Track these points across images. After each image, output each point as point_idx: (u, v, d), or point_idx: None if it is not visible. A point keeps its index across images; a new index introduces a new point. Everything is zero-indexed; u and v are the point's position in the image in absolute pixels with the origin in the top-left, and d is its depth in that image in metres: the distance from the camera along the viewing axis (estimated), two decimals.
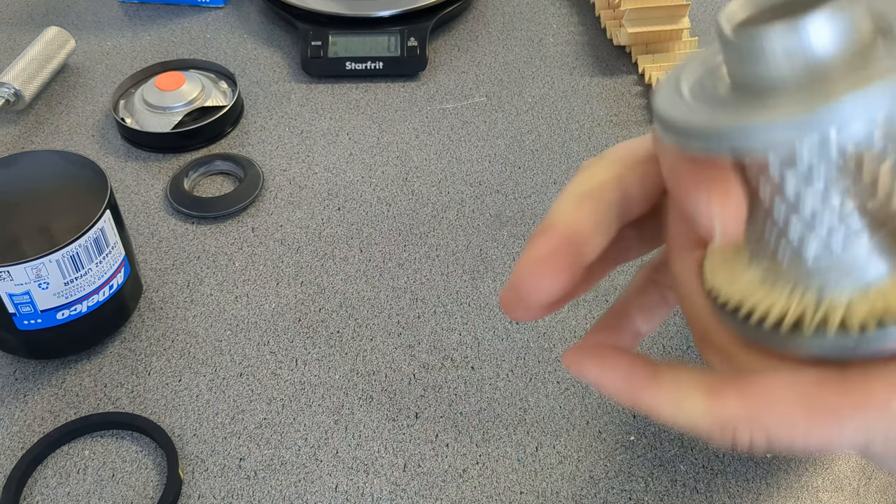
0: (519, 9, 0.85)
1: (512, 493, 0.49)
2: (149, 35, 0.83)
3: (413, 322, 0.57)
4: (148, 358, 0.56)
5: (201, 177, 0.68)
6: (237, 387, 0.54)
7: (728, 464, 0.50)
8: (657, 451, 0.50)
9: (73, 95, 0.76)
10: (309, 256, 0.62)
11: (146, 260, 0.61)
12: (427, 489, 0.49)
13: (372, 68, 0.76)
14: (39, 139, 0.72)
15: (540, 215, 0.64)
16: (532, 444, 0.51)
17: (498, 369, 0.54)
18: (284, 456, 0.50)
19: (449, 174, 0.68)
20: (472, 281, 0.60)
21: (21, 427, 0.52)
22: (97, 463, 0.50)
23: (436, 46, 0.80)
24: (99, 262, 0.51)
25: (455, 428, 0.52)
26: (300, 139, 0.71)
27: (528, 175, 0.67)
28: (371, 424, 0.52)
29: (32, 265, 0.48)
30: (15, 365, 0.55)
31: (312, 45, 0.77)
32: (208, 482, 0.49)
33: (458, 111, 0.74)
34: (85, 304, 0.52)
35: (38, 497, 0.49)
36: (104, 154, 0.70)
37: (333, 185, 0.67)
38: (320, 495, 0.49)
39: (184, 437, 0.51)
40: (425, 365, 0.55)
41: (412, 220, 0.64)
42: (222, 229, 0.64)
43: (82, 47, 0.81)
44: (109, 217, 0.52)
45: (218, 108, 0.71)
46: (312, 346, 0.56)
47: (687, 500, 0.48)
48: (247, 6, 0.86)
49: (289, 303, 0.59)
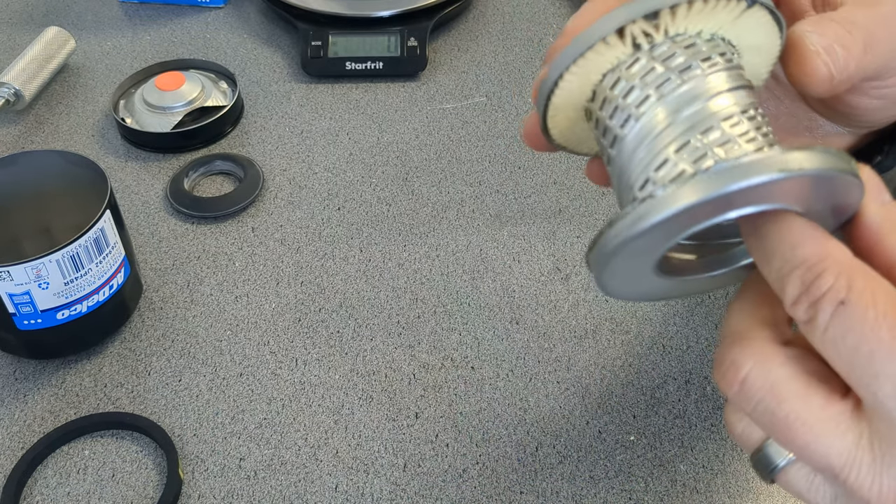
0: (519, 9, 0.85)
1: (512, 493, 0.49)
2: (149, 35, 0.83)
3: (413, 322, 0.57)
4: (148, 358, 0.56)
5: (201, 177, 0.68)
6: (237, 387, 0.54)
7: (728, 464, 0.50)
8: (657, 451, 0.50)
9: (73, 95, 0.76)
10: (309, 256, 0.62)
11: (146, 260, 0.61)
12: (427, 489, 0.49)
13: (372, 68, 0.76)
14: (39, 139, 0.72)
15: (540, 215, 0.64)
16: (532, 444, 0.51)
17: (498, 369, 0.54)
18: (284, 456, 0.50)
19: (449, 174, 0.68)
20: (472, 281, 0.60)
21: (21, 427, 0.52)
22: (97, 463, 0.50)
23: (436, 46, 0.80)
24: (99, 262, 0.51)
25: (455, 428, 0.52)
26: (300, 139, 0.71)
27: (528, 175, 0.67)
28: (371, 424, 0.52)
29: (32, 265, 0.48)
30: (15, 365, 0.55)
31: (312, 45, 0.77)
32: (208, 482, 0.49)
33: (458, 111, 0.74)
34: (85, 304, 0.52)
35: (38, 497, 0.49)
36: (104, 154, 0.70)
37: (333, 185, 0.67)
38: (320, 495, 0.49)
39: (184, 437, 0.51)
40: (425, 365, 0.55)
41: (412, 220, 0.64)
42: (222, 229, 0.64)
43: (82, 47, 0.81)
44: (109, 217, 0.52)
45: (218, 108, 0.71)
46: (312, 346, 0.56)
47: (687, 500, 0.48)
48: (247, 6, 0.86)
49: (289, 303, 0.59)
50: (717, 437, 0.51)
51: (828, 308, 0.26)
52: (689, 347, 0.56)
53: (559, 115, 0.32)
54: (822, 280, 0.27)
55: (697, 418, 0.52)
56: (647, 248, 0.29)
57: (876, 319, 0.26)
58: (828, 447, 0.28)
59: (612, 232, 0.27)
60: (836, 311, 0.26)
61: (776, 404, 0.28)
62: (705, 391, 0.53)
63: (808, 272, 0.27)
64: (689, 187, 0.26)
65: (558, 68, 0.30)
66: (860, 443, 0.27)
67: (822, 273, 0.27)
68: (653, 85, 0.29)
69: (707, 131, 0.29)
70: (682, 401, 0.53)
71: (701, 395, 0.53)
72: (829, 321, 0.26)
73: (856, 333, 0.26)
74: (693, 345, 0.56)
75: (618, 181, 0.31)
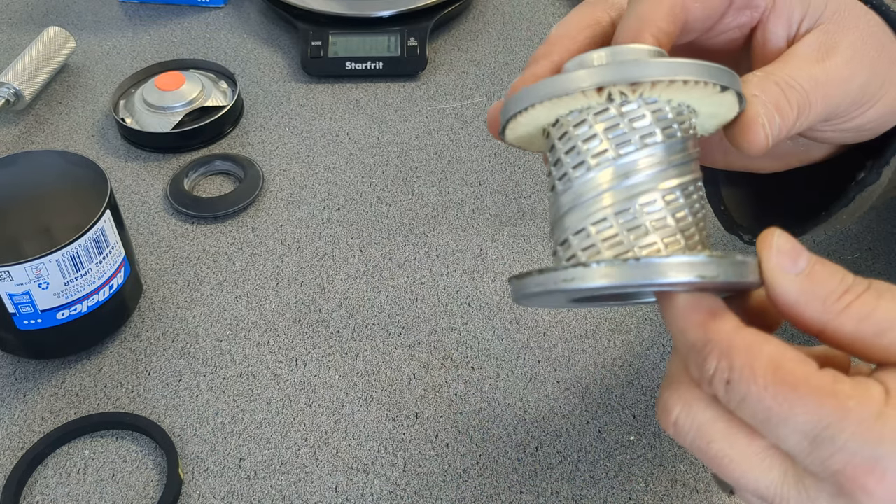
0: (519, 9, 0.85)
1: (512, 493, 0.49)
2: (149, 35, 0.83)
3: (413, 322, 0.57)
4: (148, 358, 0.56)
5: (201, 177, 0.68)
6: (237, 387, 0.54)
7: None
8: (657, 451, 0.50)
9: (73, 95, 0.76)
10: (309, 256, 0.62)
11: (146, 260, 0.61)
12: (427, 489, 0.49)
13: (372, 68, 0.76)
14: (39, 139, 0.72)
15: (540, 215, 0.64)
16: (532, 444, 0.51)
17: (498, 369, 0.54)
18: (284, 456, 0.50)
19: (449, 174, 0.68)
20: (472, 281, 0.60)
21: (21, 427, 0.52)
22: (97, 463, 0.50)
23: (436, 46, 0.80)
24: (99, 262, 0.51)
25: (455, 428, 0.52)
26: (300, 139, 0.71)
27: (528, 175, 0.67)
28: (371, 424, 0.52)
29: (32, 265, 0.48)
30: (15, 365, 0.55)
31: (312, 45, 0.77)
32: (208, 482, 0.49)
33: (458, 111, 0.74)
34: (85, 304, 0.52)
35: (38, 497, 0.49)
36: (104, 154, 0.70)
37: (333, 185, 0.67)
38: (320, 495, 0.49)
39: (184, 437, 0.51)
40: (425, 365, 0.55)
41: (412, 220, 0.64)
42: (222, 229, 0.64)
43: (82, 47, 0.81)
44: (109, 217, 0.52)
45: (218, 108, 0.71)
46: (312, 346, 0.56)
47: (687, 500, 0.48)
48: (247, 6, 0.86)
49: (289, 303, 0.59)
50: None
51: (720, 387, 0.29)
52: None
53: (519, 128, 0.34)
54: (707, 364, 0.29)
55: None
56: (565, 298, 0.33)
57: (759, 393, 0.28)
58: (756, 482, 0.30)
59: (539, 279, 0.30)
60: (726, 390, 0.29)
61: (705, 444, 0.30)
62: None
63: (697, 356, 0.30)
64: (616, 269, 0.29)
65: (530, 99, 0.32)
66: (786, 478, 0.29)
67: (706, 357, 0.29)
68: (613, 142, 0.31)
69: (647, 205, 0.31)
70: None
71: None
72: (725, 397, 0.29)
73: (748, 405, 0.28)
74: None
75: (556, 210, 0.33)
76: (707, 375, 0.29)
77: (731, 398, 0.29)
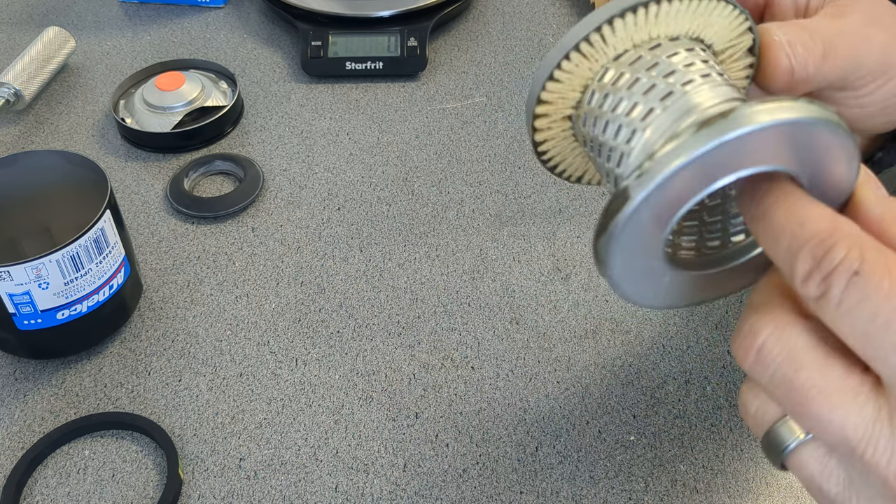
0: (519, 9, 0.85)
1: (512, 493, 0.49)
2: (149, 35, 0.83)
3: (413, 322, 0.57)
4: (148, 358, 0.56)
5: (201, 177, 0.68)
6: (237, 387, 0.54)
7: (728, 464, 0.50)
8: (657, 451, 0.50)
9: (73, 95, 0.76)
10: (309, 256, 0.62)
11: (146, 260, 0.61)
12: (427, 489, 0.49)
13: (372, 68, 0.76)
14: (39, 139, 0.72)
15: (540, 215, 0.64)
16: (532, 444, 0.51)
17: (498, 369, 0.54)
18: (284, 456, 0.50)
19: (449, 174, 0.68)
20: (472, 281, 0.60)
21: (21, 427, 0.52)
22: (97, 463, 0.50)
23: (436, 46, 0.80)
24: (99, 262, 0.51)
25: (455, 428, 0.52)
26: (300, 139, 0.71)
27: (528, 175, 0.67)
28: (371, 424, 0.52)
29: (32, 265, 0.48)
30: (15, 365, 0.55)
31: (312, 45, 0.77)
32: (208, 482, 0.49)
33: (458, 111, 0.74)
34: (85, 304, 0.52)
35: (38, 497, 0.49)
36: (104, 154, 0.70)
37: (333, 185, 0.67)
38: (320, 495, 0.49)
39: (184, 437, 0.51)
40: (425, 365, 0.55)
41: (412, 220, 0.64)
42: (222, 229, 0.64)
43: (82, 47, 0.81)
44: (109, 217, 0.52)
45: (218, 108, 0.71)
46: (312, 346, 0.56)
47: (687, 500, 0.48)
48: (247, 6, 0.86)
49: (289, 303, 0.59)
50: (716, 437, 0.51)
51: (841, 280, 0.26)
52: (689, 347, 0.56)
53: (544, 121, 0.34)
54: (833, 252, 0.26)
55: (697, 418, 0.52)
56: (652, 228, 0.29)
57: (891, 289, 0.25)
58: (844, 419, 0.27)
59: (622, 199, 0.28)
60: (849, 283, 0.26)
61: (793, 372, 0.27)
62: (705, 391, 0.53)
63: (818, 246, 0.27)
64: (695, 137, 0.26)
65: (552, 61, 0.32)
66: (879, 416, 0.27)
67: (833, 246, 0.26)
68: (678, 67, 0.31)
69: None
70: (682, 401, 0.53)
71: (701, 395, 0.53)
72: (843, 293, 0.26)
73: (871, 304, 0.25)
74: (693, 345, 0.56)
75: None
76: (829, 266, 0.26)
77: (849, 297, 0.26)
